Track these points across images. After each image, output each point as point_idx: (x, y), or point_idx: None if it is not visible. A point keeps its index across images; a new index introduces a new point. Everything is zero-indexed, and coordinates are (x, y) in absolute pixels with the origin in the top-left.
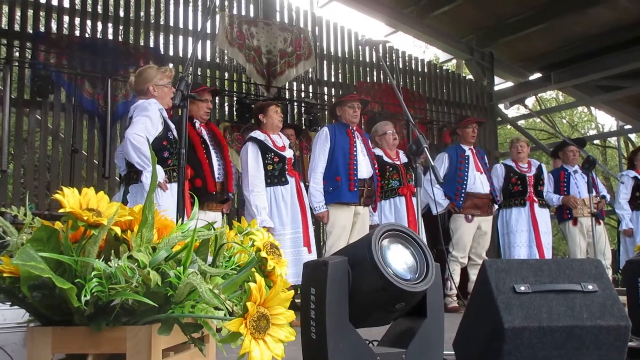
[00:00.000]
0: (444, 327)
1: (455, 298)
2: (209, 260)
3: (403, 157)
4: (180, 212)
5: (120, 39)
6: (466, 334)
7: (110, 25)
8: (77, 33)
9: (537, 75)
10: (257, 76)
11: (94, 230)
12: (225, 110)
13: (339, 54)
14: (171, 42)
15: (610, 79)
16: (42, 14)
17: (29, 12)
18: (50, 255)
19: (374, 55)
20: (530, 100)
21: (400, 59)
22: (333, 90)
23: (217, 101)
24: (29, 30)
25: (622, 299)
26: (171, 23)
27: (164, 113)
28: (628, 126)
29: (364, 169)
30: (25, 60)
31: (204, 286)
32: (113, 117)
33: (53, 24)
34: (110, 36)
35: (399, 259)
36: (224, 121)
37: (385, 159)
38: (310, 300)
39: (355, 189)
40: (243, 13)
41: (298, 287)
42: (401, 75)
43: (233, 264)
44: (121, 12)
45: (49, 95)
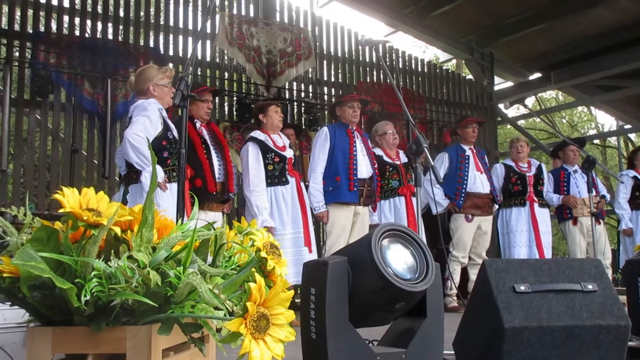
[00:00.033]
0: (444, 327)
1: (455, 298)
2: (209, 260)
3: (403, 157)
4: (180, 212)
5: (120, 38)
6: (466, 333)
7: (110, 25)
8: (77, 33)
9: (537, 75)
10: (257, 76)
11: (93, 230)
12: (225, 110)
13: (339, 54)
14: (171, 42)
15: (610, 78)
16: (42, 13)
17: (29, 12)
18: (50, 255)
19: (374, 55)
20: (530, 100)
21: (400, 59)
22: (333, 90)
23: (217, 101)
24: (28, 30)
25: (622, 298)
26: (171, 23)
27: (164, 113)
28: (628, 126)
29: (364, 169)
30: (25, 60)
31: (204, 286)
32: (113, 117)
33: (53, 24)
34: (110, 36)
35: (398, 259)
36: (223, 121)
37: (385, 158)
38: (310, 300)
39: (355, 188)
40: (243, 13)
41: (299, 287)
42: (401, 75)
43: (233, 264)
44: (121, 12)
45: (48, 95)
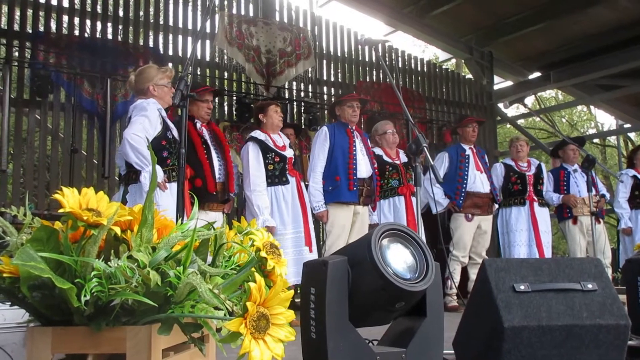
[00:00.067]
0: (444, 327)
1: (455, 297)
2: (209, 260)
3: (403, 157)
4: (180, 211)
5: (120, 38)
6: (466, 333)
7: (109, 25)
8: (77, 33)
9: (537, 74)
10: (257, 76)
11: (93, 230)
12: (225, 110)
13: (339, 54)
14: (170, 42)
15: (609, 78)
16: (41, 13)
17: (29, 12)
18: (50, 255)
19: (374, 55)
20: (529, 99)
21: (399, 59)
22: (332, 89)
23: (216, 101)
24: (28, 30)
25: (622, 297)
26: (170, 23)
27: (163, 113)
28: (627, 125)
29: (363, 169)
30: (24, 60)
31: (204, 286)
32: (112, 117)
33: (52, 24)
34: (109, 36)
35: (398, 259)
36: (223, 121)
37: (385, 158)
38: (310, 300)
39: (355, 188)
40: (242, 12)
41: (300, 287)
42: (400, 74)
43: (233, 264)
44: (120, 12)
45: (48, 95)
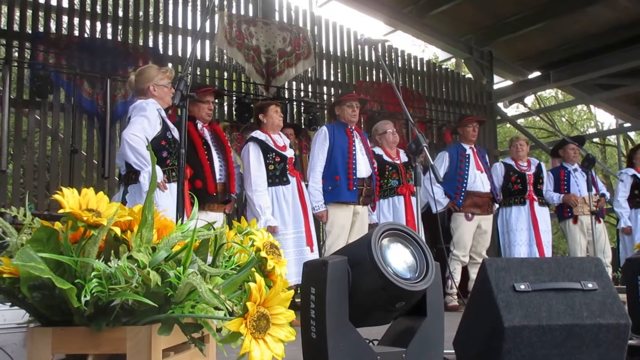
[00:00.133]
0: (444, 326)
1: (455, 297)
2: (209, 260)
3: (403, 156)
4: (180, 212)
5: (120, 38)
6: (466, 332)
7: (109, 25)
8: (76, 33)
9: (537, 73)
10: (257, 76)
11: (93, 231)
12: (225, 110)
13: (338, 53)
14: (170, 42)
15: (609, 77)
16: (41, 14)
17: (28, 12)
18: (50, 255)
19: (373, 55)
20: (529, 98)
21: (399, 58)
22: (332, 89)
23: (216, 101)
24: (28, 30)
25: (622, 297)
26: (170, 23)
27: (163, 113)
28: (627, 124)
29: (363, 169)
30: (24, 60)
31: (204, 286)
32: (112, 117)
33: (52, 24)
34: (109, 36)
35: (398, 258)
36: (223, 121)
37: (385, 158)
38: (310, 299)
39: (354, 188)
40: (242, 12)
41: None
42: (400, 74)
43: (233, 264)
44: (120, 12)
45: (48, 96)
